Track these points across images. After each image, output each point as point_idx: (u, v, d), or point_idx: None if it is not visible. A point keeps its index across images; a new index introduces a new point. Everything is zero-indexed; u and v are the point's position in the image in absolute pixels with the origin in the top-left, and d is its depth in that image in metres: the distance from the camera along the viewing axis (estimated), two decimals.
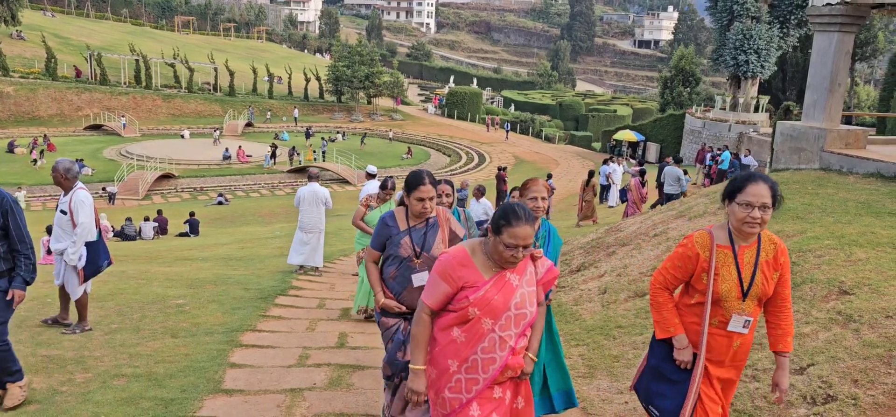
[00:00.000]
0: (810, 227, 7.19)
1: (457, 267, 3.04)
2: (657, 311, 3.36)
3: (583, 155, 50.03)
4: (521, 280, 3.08)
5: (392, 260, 4.11)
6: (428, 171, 4.17)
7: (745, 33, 36.79)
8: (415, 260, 4.05)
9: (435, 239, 4.12)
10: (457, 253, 3.08)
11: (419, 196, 4.02)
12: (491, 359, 3.03)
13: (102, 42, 67.30)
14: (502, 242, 2.96)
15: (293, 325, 7.15)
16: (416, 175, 4.10)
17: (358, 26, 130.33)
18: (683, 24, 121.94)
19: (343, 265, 12.21)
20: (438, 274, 3.07)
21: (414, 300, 3.98)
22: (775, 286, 3.27)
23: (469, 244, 3.13)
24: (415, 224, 4.13)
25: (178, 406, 4.65)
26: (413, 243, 4.07)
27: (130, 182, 33.48)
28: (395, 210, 4.23)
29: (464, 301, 3.01)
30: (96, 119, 49.57)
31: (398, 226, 4.12)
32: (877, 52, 43.62)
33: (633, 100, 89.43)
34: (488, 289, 3.00)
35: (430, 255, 4.09)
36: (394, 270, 4.09)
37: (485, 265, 3.06)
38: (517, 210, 2.96)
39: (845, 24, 11.31)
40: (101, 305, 7.71)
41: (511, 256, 2.97)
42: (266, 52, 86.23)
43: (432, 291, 3.08)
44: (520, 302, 3.05)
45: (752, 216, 3.12)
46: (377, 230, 4.16)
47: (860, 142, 11.54)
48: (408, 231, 4.10)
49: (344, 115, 61.14)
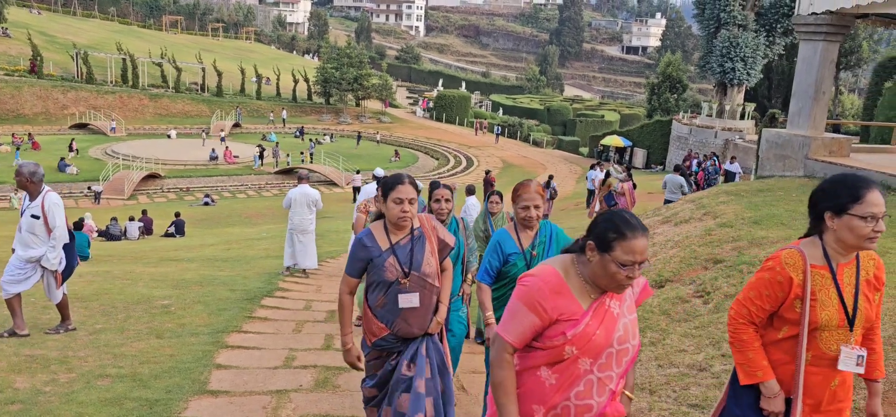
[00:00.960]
0: (795, 234, 7.26)
1: (549, 296, 2.42)
2: (741, 352, 2.82)
3: (570, 159, 50.21)
4: (622, 307, 2.52)
5: (377, 287, 3.55)
6: (407, 174, 3.67)
7: (732, 41, 37.09)
8: (403, 280, 3.53)
9: (423, 254, 3.60)
10: (548, 276, 2.46)
11: (397, 196, 3.48)
12: (586, 406, 2.47)
13: (89, 40, 66.81)
14: (615, 260, 2.36)
15: (279, 327, 7.13)
16: (395, 175, 3.62)
17: (347, 28, 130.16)
18: (671, 31, 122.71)
19: (330, 267, 12.19)
20: (525, 303, 2.45)
21: (407, 327, 3.56)
22: None
23: (559, 264, 2.52)
24: (398, 239, 3.57)
25: (162, 407, 4.63)
26: (400, 263, 3.53)
27: (116, 181, 33.24)
28: (372, 227, 3.63)
29: (558, 338, 2.42)
30: (82, 118, 49.20)
31: (379, 245, 3.55)
32: (861, 61, 44.13)
33: (621, 105, 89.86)
34: (589, 323, 2.42)
35: (419, 274, 3.57)
36: (382, 297, 3.55)
37: (581, 290, 2.47)
38: (629, 218, 2.40)
39: (830, 34, 11.44)
40: (85, 305, 7.66)
41: (626, 277, 2.38)
42: (254, 53, 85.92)
43: (516, 325, 2.46)
44: (623, 335, 2.49)
45: (877, 230, 2.63)
46: (352, 253, 3.57)
47: (844, 151, 11.67)
48: (391, 249, 3.54)
49: (332, 117, 61.03)
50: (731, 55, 37.25)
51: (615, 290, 2.44)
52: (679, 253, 7.84)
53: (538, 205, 4.10)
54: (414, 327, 3.58)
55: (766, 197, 9.61)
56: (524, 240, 4.14)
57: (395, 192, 3.50)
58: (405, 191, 3.51)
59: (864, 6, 10.66)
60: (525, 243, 4.14)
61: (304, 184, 10.54)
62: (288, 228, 10.52)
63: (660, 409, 4.47)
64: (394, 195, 3.50)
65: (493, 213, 6.78)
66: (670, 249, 8.23)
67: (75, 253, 6.64)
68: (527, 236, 4.16)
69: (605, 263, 2.38)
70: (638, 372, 5.22)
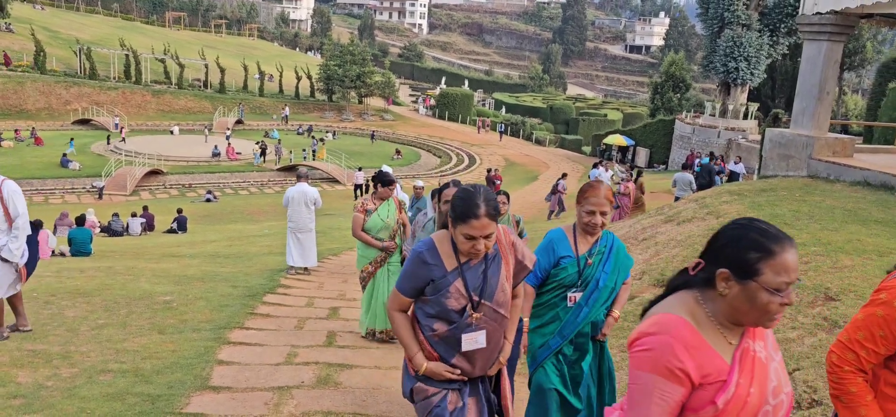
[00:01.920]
0: (798, 234, 7.25)
1: (683, 354, 1.83)
2: (849, 408, 2.26)
3: (573, 158, 50.17)
4: (767, 346, 1.98)
5: (435, 315, 2.83)
6: (484, 188, 2.82)
7: (736, 40, 37.04)
8: (472, 313, 2.79)
9: (498, 278, 2.88)
10: (677, 328, 1.86)
11: (469, 233, 2.69)
12: None
13: (92, 36, 66.86)
14: (766, 286, 1.82)
15: (281, 323, 7.13)
16: (467, 198, 2.74)
17: (350, 25, 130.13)
18: (674, 31, 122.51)
19: (332, 264, 12.19)
20: (659, 372, 1.83)
21: (469, 367, 2.87)
22: None
23: (683, 308, 1.92)
24: (468, 257, 2.84)
25: (164, 403, 4.63)
26: (468, 289, 2.80)
27: (118, 177, 33.27)
28: (436, 237, 2.89)
29: (706, 411, 1.85)
30: (85, 113, 49.24)
31: (443, 264, 2.82)
32: (865, 61, 44.01)
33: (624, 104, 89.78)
34: (739, 381, 1.87)
35: (492, 304, 2.84)
36: (442, 326, 2.83)
37: (718, 337, 1.90)
38: (767, 228, 1.87)
39: (834, 34, 11.42)
40: (87, 300, 7.67)
41: (780, 306, 1.84)
42: (257, 50, 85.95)
43: (652, 408, 1.85)
44: (776, 385, 1.93)
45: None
46: (409, 269, 2.85)
47: (847, 151, 11.65)
48: (459, 270, 2.81)
49: (335, 115, 61.02)
50: (735, 54, 37.20)
51: (765, 325, 1.89)
52: (682, 252, 7.83)
53: (605, 212, 3.65)
54: (477, 368, 2.92)
55: (770, 197, 9.59)
56: (581, 246, 3.76)
57: (467, 228, 2.71)
58: (481, 226, 2.70)
59: (869, 6, 10.63)
60: (582, 248, 3.75)
61: (303, 182, 10.49)
62: (288, 227, 10.49)
63: None
64: (464, 230, 2.72)
65: (499, 214, 6.66)
66: (673, 248, 8.22)
67: (38, 246, 6.25)
68: (585, 242, 3.77)
69: (752, 293, 1.82)
70: None
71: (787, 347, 4.81)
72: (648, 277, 7.43)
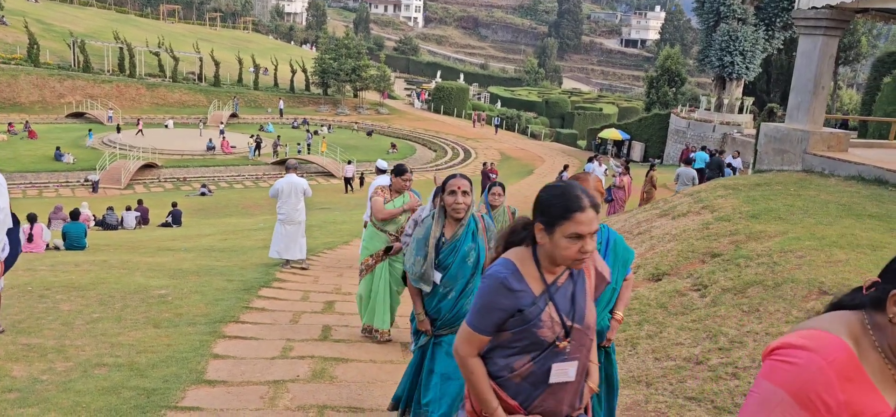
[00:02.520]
0: (792, 228, 7.28)
1: (834, 385, 1.48)
2: None
3: (568, 152, 50.20)
4: None
5: (521, 349, 2.34)
6: (580, 186, 2.35)
7: (731, 35, 37.07)
8: (562, 340, 2.35)
9: (586, 296, 2.47)
10: (834, 352, 1.51)
11: (576, 231, 2.23)
12: None
13: (86, 29, 66.52)
14: None
15: (277, 317, 7.13)
16: (564, 192, 2.31)
17: (345, 19, 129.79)
18: (670, 25, 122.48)
19: (328, 258, 12.19)
20: (792, 394, 1.51)
21: (557, 404, 2.40)
22: None
23: (845, 328, 1.58)
24: (554, 277, 2.39)
25: (160, 397, 4.62)
26: (560, 314, 2.36)
27: (113, 171, 33.18)
28: (515, 256, 2.40)
29: None
30: (79, 107, 49.05)
31: (530, 288, 2.34)
32: (860, 56, 44.12)
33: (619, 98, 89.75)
34: None
35: (583, 327, 2.42)
36: (526, 363, 2.35)
37: (882, 373, 1.54)
38: None
39: (830, 28, 11.44)
40: (82, 294, 7.66)
41: None
42: (252, 43, 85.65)
43: None
44: None
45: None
46: (488, 300, 2.33)
47: (842, 145, 11.69)
48: (547, 293, 2.36)
49: (330, 108, 60.91)
50: (731, 49, 37.23)
51: None
52: (677, 246, 7.85)
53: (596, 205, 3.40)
54: (565, 404, 2.43)
55: (764, 191, 9.62)
56: None
57: (574, 225, 2.24)
58: (589, 220, 2.26)
59: (864, 1, 10.65)
60: None
61: (292, 173, 10.41)
62: (278, 219, 10.40)
63: (656, 401, 4.49)
64: (570, 228, 2.24)
65: (494, 207, 6.48)
66: (668, 243, 8.24)
67: (18, 241, 5.84)
68: None
69: None
70: (634, 365, 5.23)
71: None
72: (643, 271, 7.45)
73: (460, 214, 3.95)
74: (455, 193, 3.92)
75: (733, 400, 4.36)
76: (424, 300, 4.09)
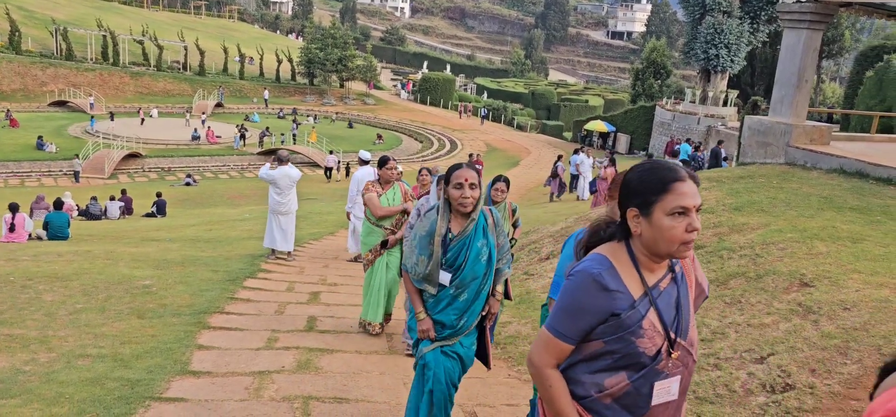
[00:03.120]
0: (774, 220, 7.35)
1: None
2: None
3: (554, 144, 50.30)
4: None
5: (614, 364, 1.98)
6: (674, 164, 2.06)
7: (717, 28, 37.27)
8: (668, 355, 1.99)
9: (690, 306, 2.10)
10: None
11: (680, 204, 1.91)
12: None
13: (68, 16, 65.69)
14: None
15: (262, 308, 7.12)
16: (656, 167, 2.00)
17: (332, 8, 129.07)
18: (656, 17, 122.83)
19: (313, 249, 12.16)
20: None
21: None
22: None
23: None
24: (657, 278, 2.03)
25: (144, 387, 4.61)
26: (664, 323, 1.99)
27: (96, 160, 32.88)
28: (608, 253, 2.03)
29: None
30: (61, 95, 48.51)
31: (628, 289, 1.98)
32: (843, 50, 44.51)
33: (605, 90, 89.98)
34: None
35: (686, 343, 2.05)
36: (621, 382, 1.99)
37: None
38: None
39: (814, 22, 11.52)
40: (65, 285, 7.60)
41: None
42: (237, 32, 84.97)
43: None
44: None
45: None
46: (576, 300, 1.98)
47: (824, 139, 11.80)
48: (648, 296, 2.00)
49: (316, 98, 60.63)
50: (716, 42, 37.45)
51: None
52: None
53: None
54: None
55: (748, 184, 9.70)
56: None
57: (676, 197, 1.93)
58: (692, 192, 1.95)
59: None
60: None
61: (286, 165, 10.39)
62: (270, 210, 10.39)
63: None
64: (672, 202, 1.93)
65: (496, 202, 6.13)
66: None
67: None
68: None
69: None
70: None
71: (762, 332, 4.88)
72: None
73: (468, 208, 3.57)
74: (462, 187, 3.54)
75: (715, 391, 4.41)
76: (427, 304, 3.68)
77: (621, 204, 2.02)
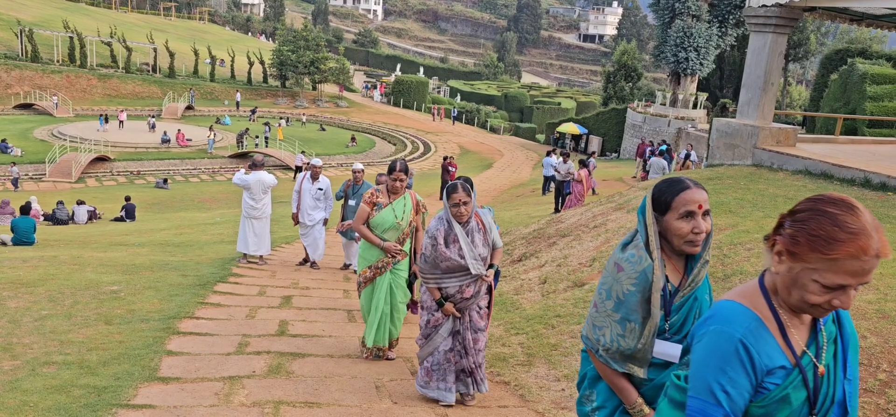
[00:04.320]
0: (742, 221, 7.47)
1: None
2: None
3: (527, 146, 50.55)
4: None
5: None
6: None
7: (686, 31, 37.77)
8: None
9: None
10: None
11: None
12: None
13: (34, 17, 64.52)
14: None
15: (232, 313, 7.05)
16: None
17: (304, 10, 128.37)
18: (627, 20, 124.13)
19: (284, 253, 12.09)
20: None
21: None
22: None
23: None
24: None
25: (111, 394, 4.54)
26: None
27: (62, 164, 32.31)
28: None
29: None
30: (27, 97, 47.59)
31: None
32: (809, 53, 45.35)
33: (577, 93, 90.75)
34: None
35: None
36: None
37: None
38: None
39: (779, 26, 11.72)
40: (30, 291, 7.46)
41: None
42: (208, 34, 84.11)
43: None
44: None
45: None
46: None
47: (790, 140, 12.00)
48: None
49: (288, 101, 60.23)
50: (685, 45, 37.94)
51: None
52: None
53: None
54: None
55: (716, 185, 9.83)
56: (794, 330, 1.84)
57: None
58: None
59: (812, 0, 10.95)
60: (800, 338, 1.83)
61: (260, 170, 10.31)
62: (243, 214, 10.29)
63: None
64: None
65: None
66: (623, 235, 8.37)
67: None
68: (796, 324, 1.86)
69: None
70: None
71: None
72: (599, 264, 7.56)
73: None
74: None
75: None
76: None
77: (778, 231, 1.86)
